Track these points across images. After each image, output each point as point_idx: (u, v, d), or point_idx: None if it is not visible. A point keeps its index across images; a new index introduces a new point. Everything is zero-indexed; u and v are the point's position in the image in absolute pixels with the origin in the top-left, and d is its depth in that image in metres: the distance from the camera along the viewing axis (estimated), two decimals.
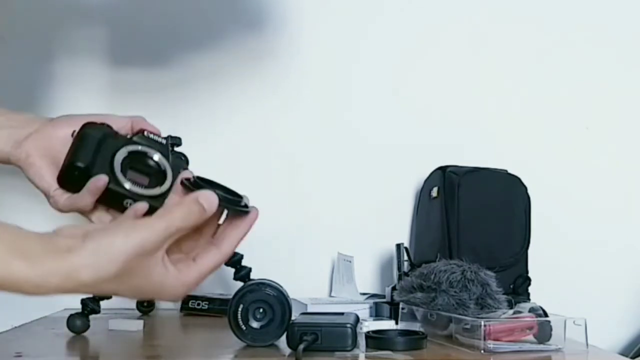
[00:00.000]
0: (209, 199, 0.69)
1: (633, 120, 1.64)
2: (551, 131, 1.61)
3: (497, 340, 1.01)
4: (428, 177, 1.49)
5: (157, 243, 0.65)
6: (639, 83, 1.64)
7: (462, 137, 1.57)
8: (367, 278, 1.54)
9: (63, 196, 0.82)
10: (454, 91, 1.59)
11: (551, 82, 1.62)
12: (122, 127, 0.86)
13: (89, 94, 1.52)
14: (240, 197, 0.81)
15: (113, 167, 0.82)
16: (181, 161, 0.89)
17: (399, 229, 1.55)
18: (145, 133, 0.86)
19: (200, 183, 0.76)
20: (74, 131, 0.83)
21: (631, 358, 1.46)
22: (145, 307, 1.39)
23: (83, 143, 0.82)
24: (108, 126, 0.84)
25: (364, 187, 1.56)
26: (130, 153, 0.83)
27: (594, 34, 1.63)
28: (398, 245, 1.39)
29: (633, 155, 1.63)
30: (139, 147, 0.84)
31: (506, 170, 1.44)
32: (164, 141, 0.87)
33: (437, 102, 1.59)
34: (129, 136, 0.86)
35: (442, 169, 1.45)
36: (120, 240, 0.62)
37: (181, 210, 0.67)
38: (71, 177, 0.81)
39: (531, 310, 1.09)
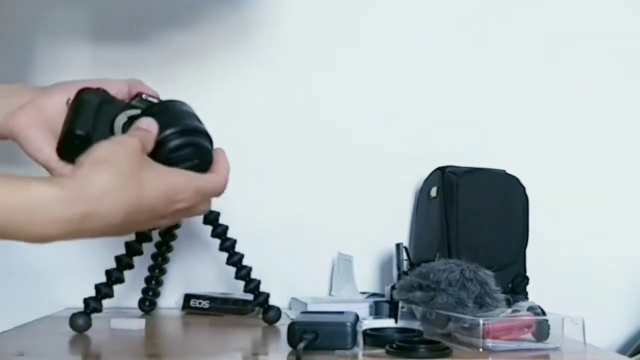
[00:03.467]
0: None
1: (633, 120, 1.64)
2: (550, 131, 1.61)
3: (496, 338, 1.01)
4: (427, 177, 1.50)
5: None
6: (639, 84, 1.65)
7: (462, 137, 1.57)
8: (367, 277, 1.55)
9: (65, 168, 0.78)
10: (453, 91, 1.60)
11: (550, 83, 1.62)
12: (118, 91, 0.84)
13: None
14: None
15: (114, 133, 0.79)
16: None
17: (398, 228, 1.56)
18: (144, 96, 0.83)
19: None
20: (69, 99, 0.80)
21: (629, 356, 1.47)
22: (147, 306, 1.39)
23: (81, 109, 0.79)
24: (104, 91, 0.81)
25: (364, 187, 1.57)
26: (130, 118, 0.80)
27: (593, 34, 1.63)
28: (397, 245, 1.40)
29: (632, 156, 1.63)
30: (139, 111, 0.81)
31: (504, 171, 1.45)
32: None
33: (437, 102, 1.59)
34: (127, 101, 0.83)
35: (442, 169, 1.46)
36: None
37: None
38: (71, 146, 0.77)
39: (529, 309, 1.09)
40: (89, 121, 0.78)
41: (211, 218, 1.23)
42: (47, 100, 0.80)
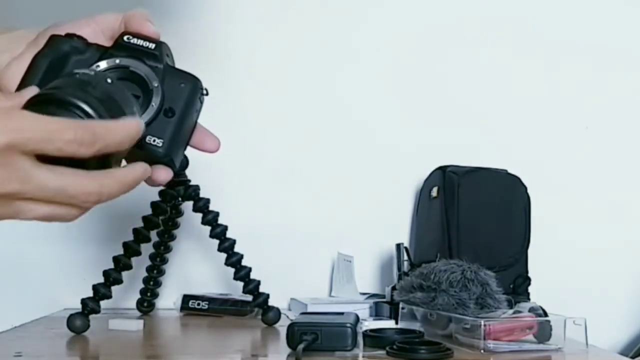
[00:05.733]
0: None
1: (633, 120, 1.64)
2: (551, 131, 1.61)
3: (497, 340, 1.01)
4: (428, 177, 1.49)
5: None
6: (639, 83, 1.64)
7: (462, 137, 1.57)
8: (367, 278, 1.54)
9: None
10: (454, 91, 1.59)
11: (551, 82, 1.62)
12: (107, 28, 0.68)
13: None
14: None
15: None
16: (184, 78, 0.66)
17: (399, 229, 1.55)
18: (127, 38, 0.65)
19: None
20: None
21: (631, 358, 1.46)
22: (145, 307, 1.39)
23: (30, 70, 0.64)
24: (78, 38, 0.65)
25: (364, 187, 1.56)
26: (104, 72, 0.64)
27: (594, 34, 1.63)
28: (398, 245, 1.39)
29: (633, 155, 1.63)
30: (117, 62, 0.64)
31: (506, 170, 1.44)
32: (152, 46, 0.65)
33: (437, 102, 1.58)
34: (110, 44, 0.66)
35: (442, 169, 1.45)
36: None
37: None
38: None
39: (531, 310, 1.09)
40: (33, 82, 0.62)
41: (210, 218, 1.23)
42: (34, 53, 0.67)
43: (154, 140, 0.63)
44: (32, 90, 0.57)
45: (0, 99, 0.56)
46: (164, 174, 0.65)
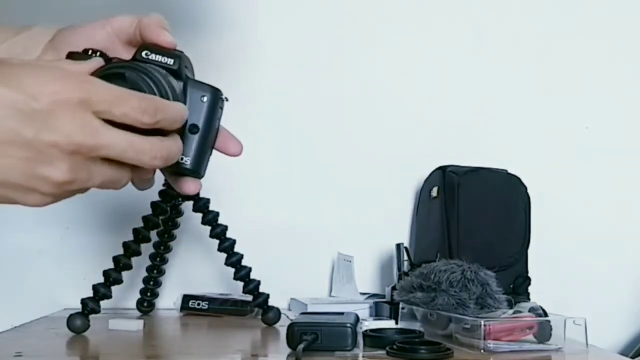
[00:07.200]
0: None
1: (633, 120, 1.64)
2: (551, 131, 1.61)
3: (497, 339, 1.01)
4: (428, 177, 1.49)
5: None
6: (639, 83, 1.64)
7: (462, 137, 1.57)
8: (367, 278, 1.54)
9: None
10: (454, 91, 1.59)
11: (551, 82, 1.62)
12: (121, 31, 0.67)
13: None
14: None
15: None
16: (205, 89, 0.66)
17: (399, 229, 1.55)
18: (145, 54, 0.64)
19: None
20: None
21: (631, 358, 1.46)
22: (145, 307, 1.39)
23: None
24: (94, 53, 0.63)
25: (364, 187, 1.56)
26: None
27: (594, 34, 1.63)
28: (398, 245, 1.39)
29: (633, 155, 1.63)
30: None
31: (506, 170, 1.44)
32: (171, 62, 0.64)
33: (437, 102, 1.59)
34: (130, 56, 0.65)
35: (442, 169, 1.45)
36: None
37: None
38: None
39: (531, 310, 1.09)
40: None
41: (210, 218, 1.22)
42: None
43: (181, 159, 0.64)
44: (98, 61, 0.61)
45: (69, 63, 0.59)
46: (193, 186, 0.67)
